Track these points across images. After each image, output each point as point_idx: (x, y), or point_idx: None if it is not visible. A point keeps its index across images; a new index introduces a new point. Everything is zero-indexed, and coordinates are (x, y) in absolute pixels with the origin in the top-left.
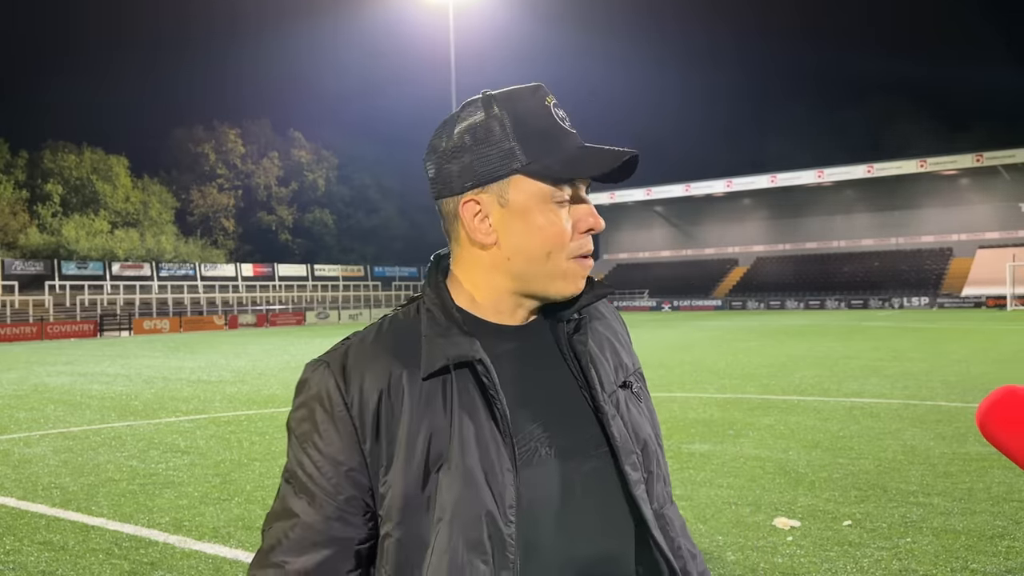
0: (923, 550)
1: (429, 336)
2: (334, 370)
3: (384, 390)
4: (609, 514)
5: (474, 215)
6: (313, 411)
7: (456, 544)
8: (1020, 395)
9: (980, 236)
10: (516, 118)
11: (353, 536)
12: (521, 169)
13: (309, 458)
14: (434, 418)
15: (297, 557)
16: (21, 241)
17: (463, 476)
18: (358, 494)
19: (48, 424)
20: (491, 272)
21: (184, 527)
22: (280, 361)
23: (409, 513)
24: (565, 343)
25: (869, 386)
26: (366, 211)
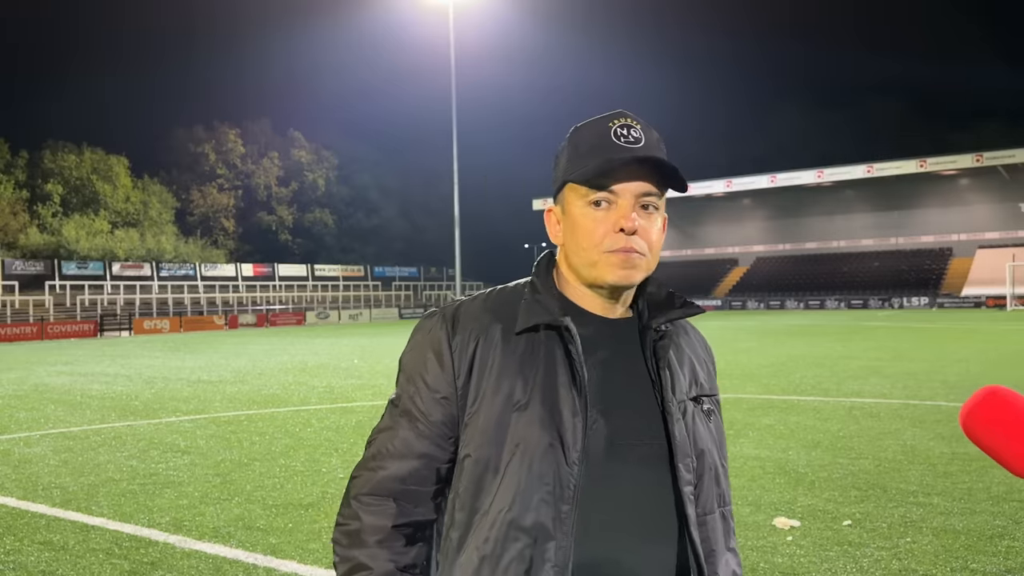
0: (923, 550)
1: (528, 300)
2: (446, 319)
3: (482, 339)
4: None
5: (553, 222)
6: (424, 350)
7: (524, 472)
8: (1002, 396)
9: (980, 236)
10: (576, 142)
11: (439, 455)
12: (568, 179)
13: (414, 386)
14: (521, 367)
15: (393, 463)
16: (21, 241)
17: (539, 417)
18: (448, 421)
19: (48, 424)
20: (564, 266)
21: (184, 527)
22: (280, 361)
23: (488, 441)
24: (649, 346)
25: (869, 386)
26: (366, 211)
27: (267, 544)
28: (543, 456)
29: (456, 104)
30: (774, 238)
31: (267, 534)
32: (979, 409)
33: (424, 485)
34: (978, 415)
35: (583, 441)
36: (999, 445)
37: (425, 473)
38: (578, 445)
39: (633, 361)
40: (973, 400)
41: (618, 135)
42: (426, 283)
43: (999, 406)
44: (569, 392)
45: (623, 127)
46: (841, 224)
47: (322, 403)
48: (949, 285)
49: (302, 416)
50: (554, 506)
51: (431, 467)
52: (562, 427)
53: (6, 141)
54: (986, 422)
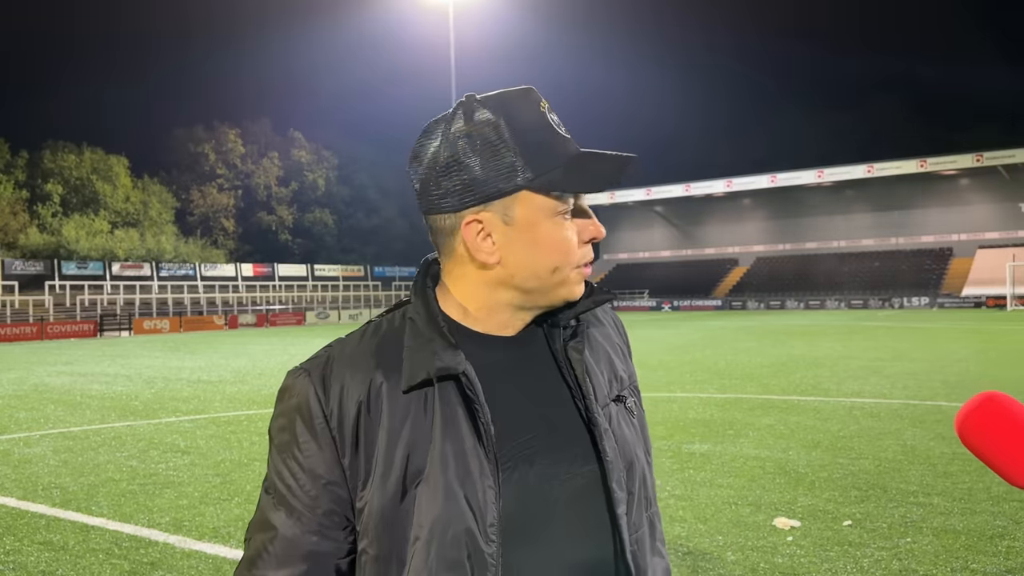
0: (923, 550)
1: (411, 347)
2: (314, 380)
3: (364, 401)
4: (593, 532)
5: (476, 234)
6: (293, 422)
7: (433, 564)
8: (999, 402)
9: (980, 236)
10: (513, 127)
11: (332, 551)
12: (527, 184)
13: (288, 470)
14: (414, 432)
15: (276, 571)
16: (21, 241)
17: (443, 492)
18: (338, 508)
19: (48, 424)
20: (492, 289)
21: (184, 527)
22: (280, 361)
23: (386, 529)
24: (560, 350)
25: (869, 386)
26: (366, 211)
27: None
28: (455, 541)
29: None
30: (774, 238)
31: None
32: (974, 416)
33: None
34: (973, 422)
35: (497, 510)
36: (994, 453)
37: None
38: (493, 518)
39: (545, 375)
40: (968, 407)
41: (555, 124)
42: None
43: (995, 413)
44: (476, 452)
45: (551, 112)
46: (841, 224)
47: None
48: (949, 285)
49: None
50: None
51: (325, 568)
52: (473, 501)
53: (6, 141)
54: (981, 429)
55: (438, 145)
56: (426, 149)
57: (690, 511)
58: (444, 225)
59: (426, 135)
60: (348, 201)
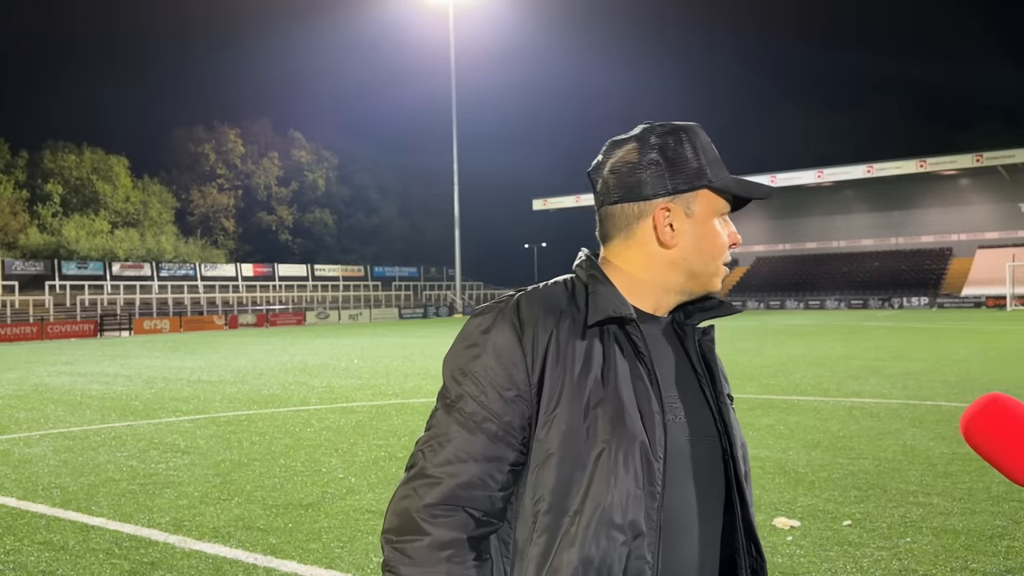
0: (923, 550)
1: (595, 292)
2: (509, 314)
3: (554, 333)
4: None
5: (664, 221)
6: (487, 345)
7: (615, 467)
8: (1003, 404)
9: (980, 236)
10: (700, 144)
11: (508, 456)
12: (708, 185)
13: (479, 384)
14: (596, 361)
15: (458, 468)
16: (21, 241)
17: (621, 411)
18: (519, 420)
19: (48, 424)
20: (666, 269)
21: (184, 527)
22: (280, 361)
23: (572, 438)
24: (694, 343)
25: (869, 386)
26: (366, 211)
27: (267, 544)
28: (632, 452)
29: (456, 104)
30: (774, 238)
31: (267, 534)
32: (979, 417)
33: (494, 490)
34: (978, 423)
35: (664, 435)
36: (999, 454)
37: (496, 476)
38: (661, 439)
39: (681, 359)
40: (974, 408)
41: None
42: (426, 283)
43: (999, 415)
44: (646, 386)
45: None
46: (841, 224)
47: (322, 403)
48: (949, 285)
49: (302, 416)
50: (644, 502)
51: (501, 469)
52: (646, 421)
53: (6, 141)
54: (986, 430)
55: (635, 150)
56: (617, 153)
57: None
58: (631, 212)
59: (617, 145)
60: (348, 201)
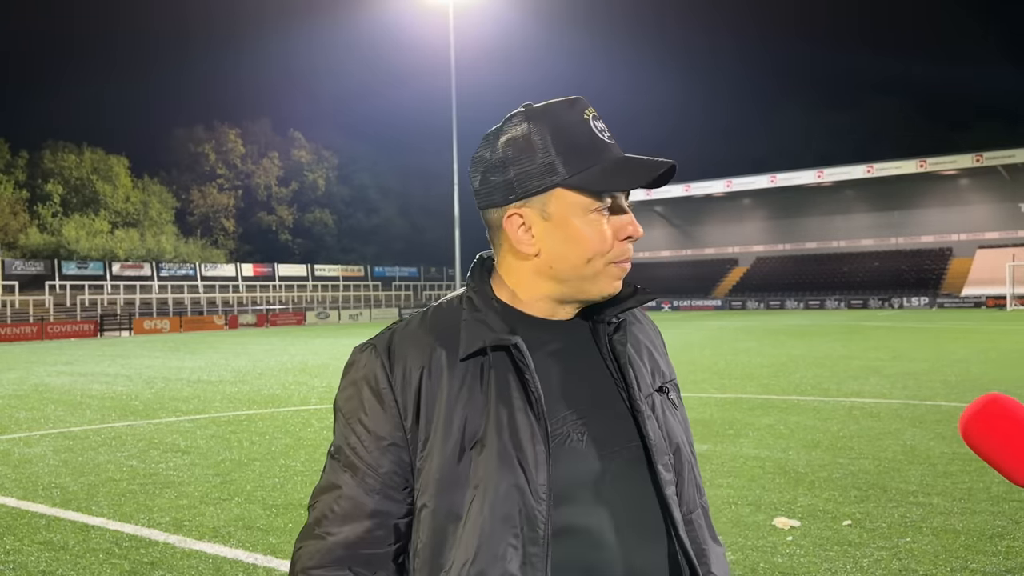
0: (923, 550)
1: (468, 320)
2: (380, 352)
3: (425, 369)
4: (638, 510)
5: (518, 227)
6: (360, 390)
7: (487, 517)
8: (1002, 404)
9: (980, 236)
10: (555, 131)
11: (393, 510)
12: (561, 183)
13: (355, 434)
14: (471, 397)
15: (340, 528)
16: (21, 241)
17: (497, 454)
18: (399, 470)
19: (48, 424)
20: (534, 278)
21: (184, 527)
22: (280, 361)
23: (444, 487)
24: (605, 343)
25: (869, 386)
26: (366, 211)
27: (267, 544)
28: (508, 497)
29: (456, 104)
30: (774, 238)
31: (267, 534)
32: (978, 418)
33: (381, 547)
34: (977, 424)
35: (548, 471)
36: (998, 454)
37: (380, 533)
38: (543, 479)
39: (590, 362)
40: (972, 408)
41: (598, 130)
42: (426, 283)
43: (998, 415)
44: (527, 418)
45: (596, 119)
46: (841, 224)
47: (322, 403)
48: (949, 285)
49: (302, 416)
50: (522, 550)
51: (387, 525)
52: (525, 462)
53: (6, 141)
54: (985, 431)
55: (490, 148)
56: (481, 152)
57: None
58: (493, 219)
59: (485, 139)
60: (348, 201)
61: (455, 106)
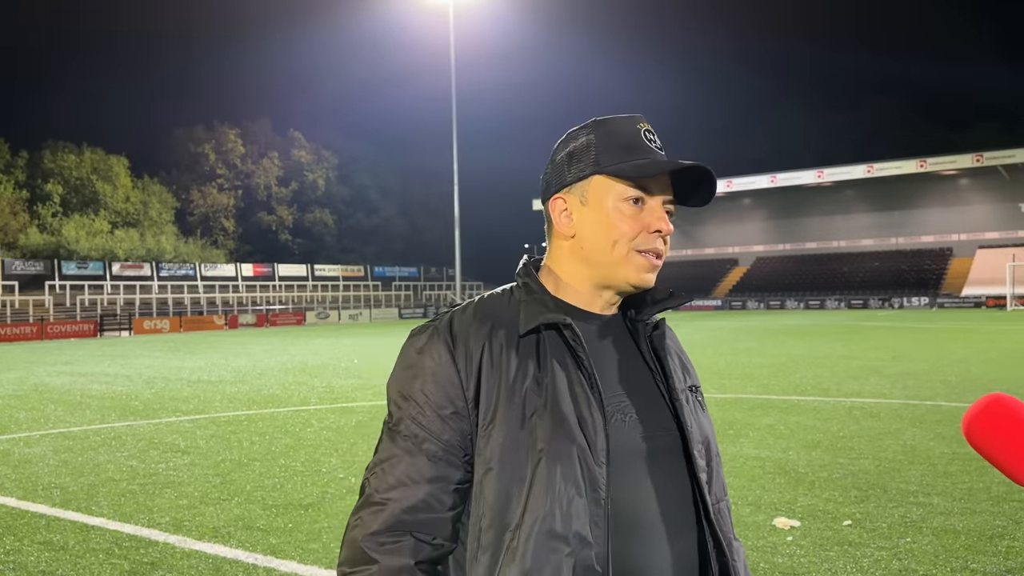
0: (923, 550)
1: (526, 301)
2: (442, 332)
3: (486, 345)
4: (676, 493)
5: (560, 211)
6: (423, 366)
7: (554, 477)
8: (1005, 404)
9: (980, 236)
10: (606, 135)
11: (452, 476)
12: (599, 170)
13: (417, 404)
14: (531, 370)
15: (402, 493)
16: (21, 241)
17: (559, 419)
18: (459, 438)
19: (48, 424)
20: (572, 260)
21: (184, 527)
22: (280, 361)
23: (510, 450)
24: (645, 338)
25: (869, 386)
26: (366, 211)
27: (267, 544)
28: (571, 459)
29: (456, 104)
30: (774, 238)
31: (267, 534)
32: (981, 417)
33: (441, 511)
34: (980, 423)
35: (606, 439)
36: (1001, 454)
37: (442, 497)
38: (603, 444)
39: (631, 355)
40: (976, 408)
41: (647, 139)
42: (426, 283)
43: (1001, 415)
44: (584, 391)
45: (648, 132)
46: (841, 224)
47: (322, 403)
48: (949, 285)
49: (302, 416)
50: (588, 510)
51: (446, 490)
52: (585, 427)
53: (6, 141)
54: (988, 431)
55: (555, 151)
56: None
57: None
58: (546, 211)
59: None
60: (348, 201)
61: (455, 106)
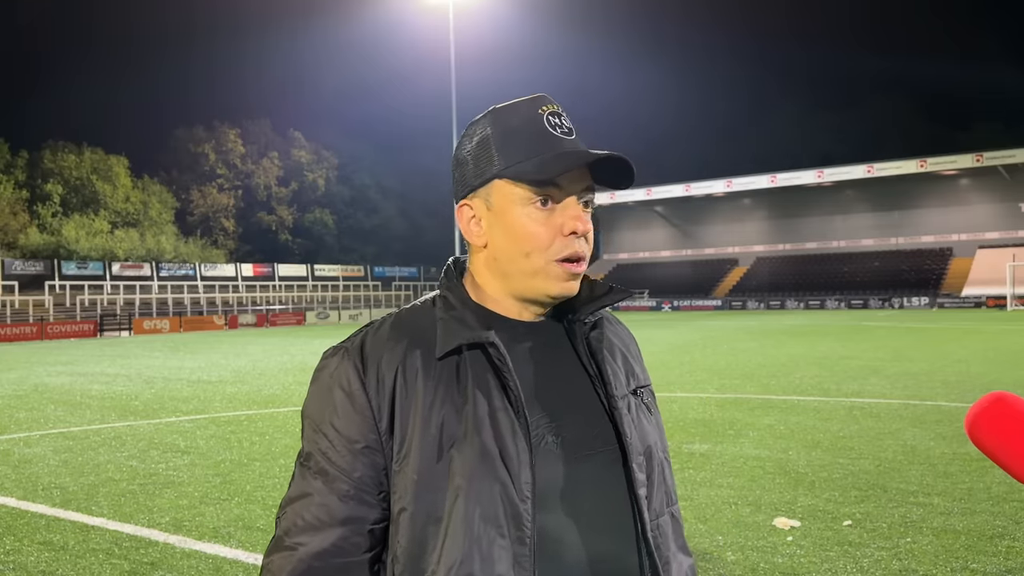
0: (923, 550)
1: (444, 319)
2: (352, 355)
3: (400, 370)
4: (610, 513)
5: (468, 219)
6: (332, 394)
7: (473, 517)
8: (1008, 402)
9: (980, 236)
10: (504, 128)
11: (367, 516)
12: (498, 173)
13: (327, 438)
14: (448, 396)
15: (312, 537)
16: (21, 241)
17: (479, 452)
18: (372, 473)
19: (48, 424)
20: (487, 271)
21: (184, 527)
22: (280, 361)
23: (424, 488)
24: (581, 341)
25: (869, 386)
26: (366, 211)
27: (267, 544)
28: (492, 498)
29: (456, 104)
30: (774, 238)
31: (267, 534)
32: (985, 416)
33: (356, 555)
34: (984, 421)
35: (531, 472)
36: (1004, 452)
37: (355, 540)
38: (527, 478)
39: (566, 363)
40: (979, 406)
41: (552, 124)
42: (426, 283)
43: (1005, 414)
44: (507, 415)
45: (553, 115)
46: (841, 224)
47: None
48: (949, 285)
49: None
50: (511, 551)
51: (361, 532)
52: (508, 461)
53: (6, 141)
54: (992, 429)
55: (458, 149)
56: (454, 154)
57: (690, 511)
58: (456, 214)
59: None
60: (348, 201)
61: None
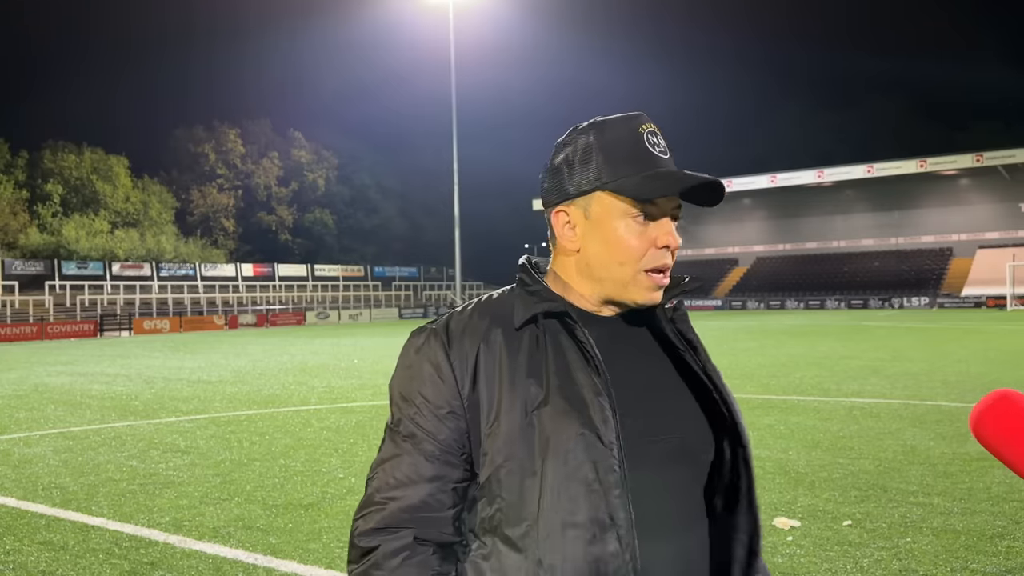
0: (923, 550)
1: (521, 295)
2: (439, 332)
3: (482, 345)
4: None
5: (563, 224)
6: (420, 367)
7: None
8: (1013, 400)
9: (980, 236)
10: (606, 141)
11: (451, 475)
12: (602, 186)
13: (415, 405)
14: (530, 363)
15: (403, 492)
16: (21, 241)
17: (562, 410)
18: (456, 436)
19: (48, 424)
20: (577, 275)
21: (184, 527)
22: (280, 361)
23: (517, 447)
24: (667, 323)
25: (869, 386)
26: (366, 211)
27: (267, 544)
28: (576, 446)
29: (456, 104)
30: (774, 238)
31: (267, 534)
32: (989, 413)
33: (441, 510)
34: (989, 419)
35: (615, 420)
36: (1008, 450)
37: (440, 497)
38: (610, 425)
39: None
40: (983, 404)
41: (651, 143)
42: (426, 283)
43: (1010, 411)
44: (587, 375)
45: (651, 134)
46: (841, 224)
47: (322, 403)
48: (949, 285)
49: (302, 416)
50: (603, 494)
51: (445, 489)
52: (589, 411)
53: (6, 141)
54: (997, 427)
55: (555, 156)
56: (550, 160)
57: None
58: (547, 218)
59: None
60: (348, 201)
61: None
